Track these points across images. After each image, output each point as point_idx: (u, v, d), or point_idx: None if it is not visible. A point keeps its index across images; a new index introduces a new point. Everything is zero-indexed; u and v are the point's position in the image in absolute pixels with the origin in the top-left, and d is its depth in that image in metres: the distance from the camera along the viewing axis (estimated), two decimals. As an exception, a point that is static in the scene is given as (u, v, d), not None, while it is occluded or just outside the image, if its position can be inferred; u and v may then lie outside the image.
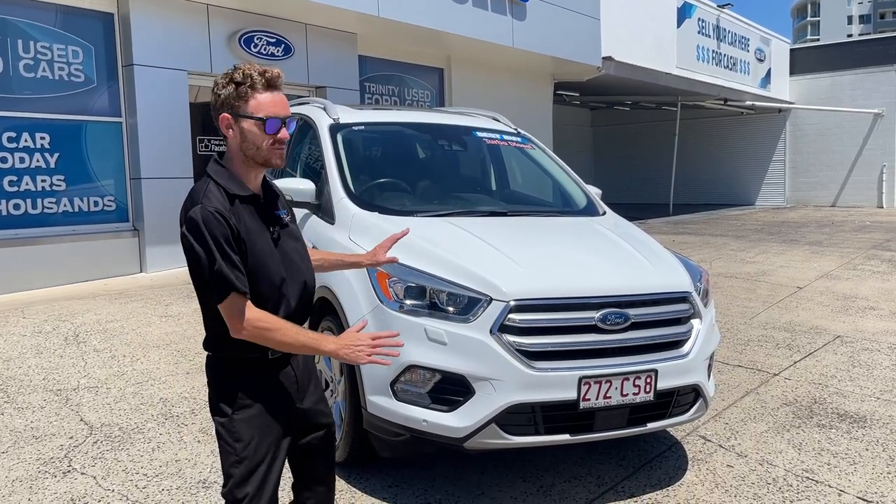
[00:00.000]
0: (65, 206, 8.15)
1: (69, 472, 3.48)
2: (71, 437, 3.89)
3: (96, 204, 8.43)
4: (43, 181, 7.95)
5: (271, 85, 2.02)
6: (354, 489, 3.34)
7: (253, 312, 1.97)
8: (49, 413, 4.23)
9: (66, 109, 8.13)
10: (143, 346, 5.52)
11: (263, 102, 2.00)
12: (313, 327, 3.87)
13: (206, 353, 2.13)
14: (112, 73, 8.52)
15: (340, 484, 3.38)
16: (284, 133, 2.03)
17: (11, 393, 4.53)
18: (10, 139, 7.68)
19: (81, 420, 4.13)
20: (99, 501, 3.19)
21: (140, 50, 8.46)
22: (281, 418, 2.10)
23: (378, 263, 2.54)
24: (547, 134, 15.19)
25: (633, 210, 14.61)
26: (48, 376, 4.84)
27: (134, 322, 6.17)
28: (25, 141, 7.80)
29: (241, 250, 1.97)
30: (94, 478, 3.42)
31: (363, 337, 2.01)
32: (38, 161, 7.90)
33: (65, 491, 3.29)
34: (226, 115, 2.03)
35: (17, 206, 7.75)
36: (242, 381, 2.08)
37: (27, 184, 7.82)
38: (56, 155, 8.05)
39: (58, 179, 8.08)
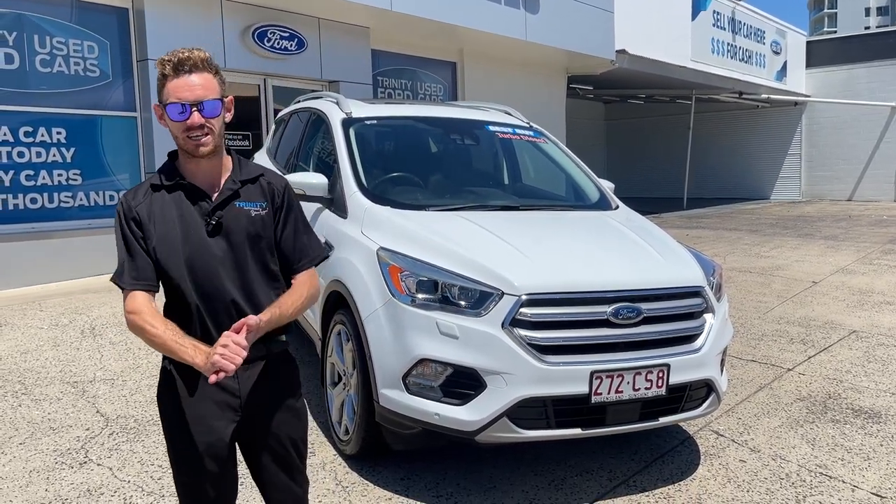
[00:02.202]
0: (81, 200, 8.21)
1: (86, 463, 3.53)
2: (87, 429, 3.94)
3: (112, 198, 8.49)
4: (59, 175, 8.01)
5: (178, 69, 1.88)
6: (366, 481, 3.36)
7: (130, 304, 1.91)
8: (66, 405, 4.28)
9: (82, 104, 8.18)
10: (157, 338, 5.57)
11: (171, 88, 1.89)
12: (326, 321, 3.89)
13: None
14: (127, 67, 8.57)
15: (352, 476, 3.41)
16: (194, 118, 1.87)
17: (29, 385, 4.58)
18: (26, 134, 7.74)
19: (98, 412, 4.18)
20: (115, 492, 3.23)
21: (154, 45, 8.49)
22: (213, 431, 1.97)
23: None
24: (560, 128, 15.13)
25: (647, 204, 14.54)
26: (65, 368, 4.89)
27: (149, 315, 6.22)
28: (42, 135, 7.86)
29: (141, 238, 1.94)
30: (111, 469, 3.46)
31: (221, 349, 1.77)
32: (54, 155, 7.96)
33: (81, 482, 3.33)
34: (155, 104, 1.97)
35: (33, 200, 7.82)
36: (174, 386, 1.99)
37: (44, 178, 7.89)
38: (72, 149, 8.11)
39: (74, 174, 8.14)
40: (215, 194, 1.98)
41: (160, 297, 2.01)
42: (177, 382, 1.99)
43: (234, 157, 2.07)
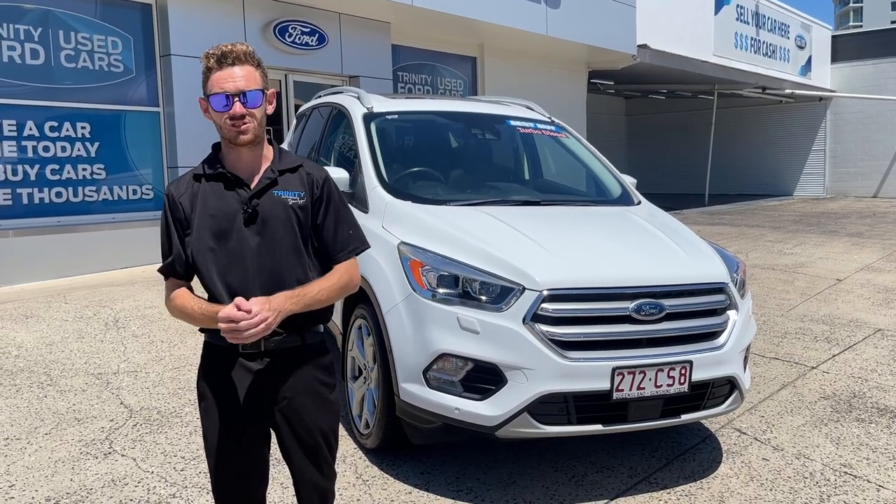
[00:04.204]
0: (104, 194, 8.31)
1: (110, 453, 3.57)
2: (111, 420, 3.99)
3: (135, 192, 8.58)
4: (84, 170, 8.11)
5: (222, 61, 1.95)
6: (387, 475, 3.37)
7: (170, 291, 2.06)
8: (90, 396, 4.33)
9: (106, 99, 8.27)
10: (180, 331, 5.62)
11: (214, 80, 1.96)
12: (347, 315, 3.90)
13: None
14: (150, 63, 8.65)
15: (373, 470, 3.42)
16: (236, 108, 1.93)
17: (54, 376, 4.65)
18: (52, 128, 7.84)
19: (121, 403, 4.23)
20: (139, 482, 3.27)
21: (177, 40, 8.56)
22: (246, 418, 2.02)
23: None
24: (581, 123, 15.05)
25: (668, 200, 14.39)
26: (89, 360, 4.95)
27: (171, 308, 6.27)
28: (67, 130, 7.96)
29: (184, 229, 2.03)
30: (134, 459, 3.50)
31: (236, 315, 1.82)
32: (79, 150, 8.06)
33: (106, 472, 3.37)
34: (200, 98, 2.03)
35: (59, 195, 7.92)
36: (213, 369, 2.05)
37: (69, 172, 7.99)
38: (96, 144, 8.20)
39: (98, 168, 8.23)
40: (254, 183, 2.02)
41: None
42: (214, 367, 2.05)
43: (276, 149, 2.10)
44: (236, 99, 1.93)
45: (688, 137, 23.38)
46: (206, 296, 2.06)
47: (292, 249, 2.03)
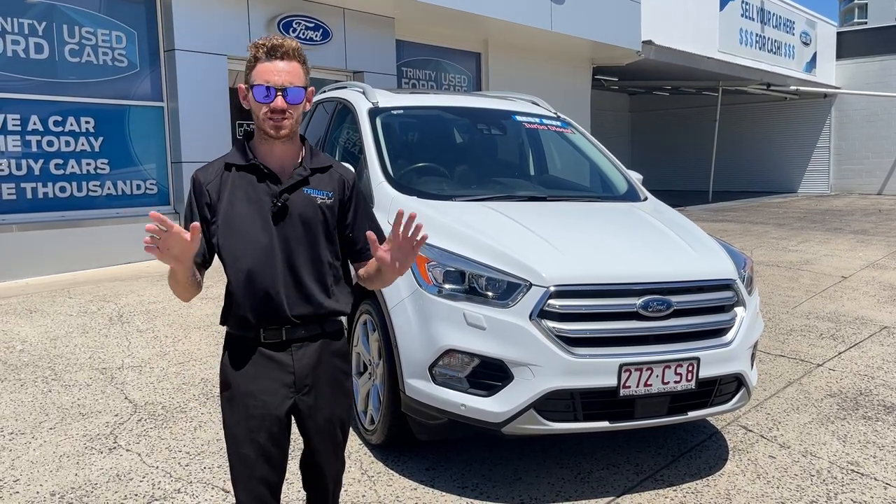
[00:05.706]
0: (108, 189, 8.31)
1: (115, 448, 3.57)
2: (116, 415, 3.98)
3: (139, 187, 8.58)
4: (88, 164, 8.11)
5: (271, 54, 1.96)
6: (392, 471, 3.36)
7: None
8: (95, 391, 4.33)
9: (110, 94, 8.27)
10: (184, 327, 5.62)
11: (259, 70, 1.96)
12: (352, 311, 3.88)
13: None
14: (154, 57, 8.64)
15: (378, 466, 3.41)
16: (278, 102, 1.93)
17: (59, 371, 4.65)
18: (56, 123, 7.84)
19: (126, 398, 4.23)
20: (143, 478, 3.26)
21: (181, 35, 8.55)
22: (267, 406, 2.02)
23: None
24: (585, 119, 15.01)
25: (672, 197, 14.33)
26: (94, 355, 4.95)
27: (175, 304, 6.27)
28: (71, 125, 7.96)
29: (207, 216, 2.02)
30: (139, 454, 3.50)
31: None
32: (83, 145, 8.06)
33: (111, 467, 3.37)
34: (241, 85, 2.04)
35: (63, 189, 7.92)
36: (234, 359, 2.07)
37: (73, 167, 7.99)
38: (100, 139, 8.20)
39: (102, 163, 8.23)
40: (285, 178, 2.03)
41: (221, 279, 2.07)
42: (237, 358, 2.06)
43: (307, 146, 2.12)
44: (279, 93, 1.94)
45: (692, 134, 23.35)
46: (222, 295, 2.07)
47: (316, 247, 2.05)
